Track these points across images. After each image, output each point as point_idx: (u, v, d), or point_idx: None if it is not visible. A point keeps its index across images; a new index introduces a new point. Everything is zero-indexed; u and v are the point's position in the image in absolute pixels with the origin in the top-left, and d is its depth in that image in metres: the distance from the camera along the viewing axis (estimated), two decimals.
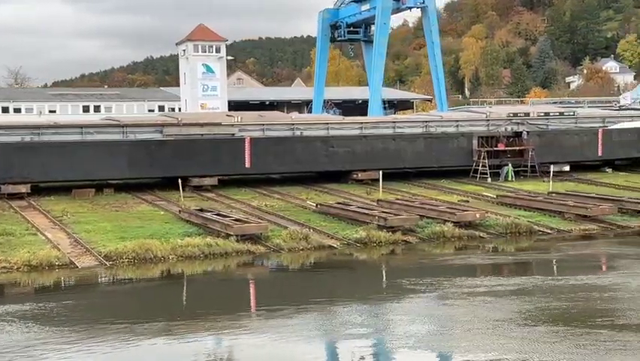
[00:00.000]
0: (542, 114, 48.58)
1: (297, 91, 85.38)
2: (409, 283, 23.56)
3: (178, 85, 73.75)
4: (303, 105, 71.05)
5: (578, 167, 49.13)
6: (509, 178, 45.24)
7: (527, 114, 48.16)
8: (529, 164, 45.86)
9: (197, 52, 62.89)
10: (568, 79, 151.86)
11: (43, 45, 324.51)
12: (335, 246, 29.56)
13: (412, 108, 77.85)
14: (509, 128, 47.11)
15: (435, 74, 55.22)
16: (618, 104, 56.18)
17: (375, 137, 44.54)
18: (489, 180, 44.97)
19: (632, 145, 48.67)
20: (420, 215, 33.47)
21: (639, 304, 20.21)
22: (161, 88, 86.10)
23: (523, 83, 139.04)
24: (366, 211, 32.79)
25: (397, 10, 54.96)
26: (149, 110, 64.94)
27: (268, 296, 23.65)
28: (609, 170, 48.70)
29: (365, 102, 70.06)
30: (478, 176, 45.21)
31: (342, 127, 44.47)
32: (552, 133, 47.58)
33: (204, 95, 62.01)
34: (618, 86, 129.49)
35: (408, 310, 20.50)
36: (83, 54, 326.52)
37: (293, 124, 43.49)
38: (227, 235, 29.09)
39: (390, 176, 45.83)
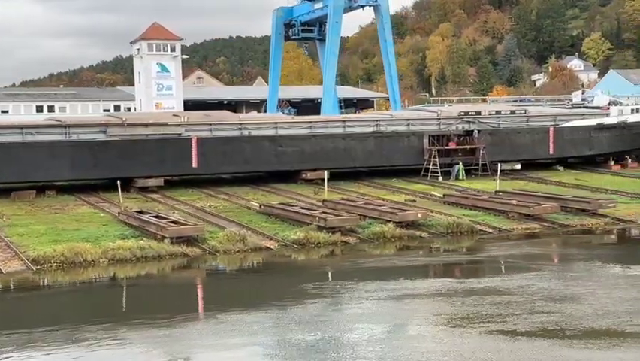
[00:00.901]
0: (494, 113, 48.50)
1: (257, 90, 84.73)
2: (313, 288, 22.86)
3: None
4: (262, 104, 70.44)
5: (530, 165, 49.17)
6: (460, 177, 45.13)
7: (479, 113, 48.06)
8: (480, 163, 45.75)
9: (152, 51, 62.12)
10: (533, 77, 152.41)
11: (12, 44, 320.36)
12: (272, 248, 29.16)
13: (373, 107, 77.67)
14: (460, 127, 46.97)
15: (388, 73, 54.91)
16: (570, 103, 56.37)
17: (324, 136, 44.21)
18: (440, 178, 44.83)
19: (584, 143, 48.78)
20: (362, 215, 33.19)
21: (529, 308, 19.74)
22: (119, 87, 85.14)
23: (488, 81, 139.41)
24: (308, 212, 32.42)
25: (349, 9, 54.62)
26: (105, 110, 64.05)
27: (172, 303, 22.58)
28: (561, 168, 48.77)
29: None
30: (429, 175, 45.07)
31: (291, 126, 44.08)
32: (503, 132, 47.55)
33: (159, 94, 61.26)
34: (582, 84, 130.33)
35: (300, 319, 19.43)
36: (53, 53, 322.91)
37: (241, 124, 43.03)
38: (163, 238, 28.57)
39: (342, 175, 45.63)
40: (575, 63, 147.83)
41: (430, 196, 39.53)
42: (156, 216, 31.17)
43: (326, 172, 38.59)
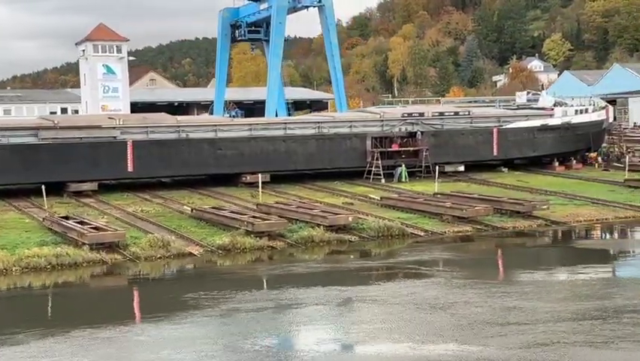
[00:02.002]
0: (437, 114, 48.24)
1: (211, 92, 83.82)
2: (192, 298, 22.06)
3: None
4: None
5: (474, 167, 49.00)
6: (403, 179, 44.81)
7: (422, 114, 47.78)
8: (423, 164, 45.44)
9: (97, 52, 61.02)
10: (494, 78, 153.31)
11: None
12: (196, 253, 28.52)
13: (327, 108, 77.33)
14: (403, 128, 46.66)
15: (334, 75, 54.47)
16: (515, 104, 56.35)
17: (265, 138, 43.66)
18: (382, 181, 44.46)
19: (528, 144, 48.72)
20: (294, 219, 32.76)
21: (389, 318, 19.57)
22: (67, 89, 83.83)
23: (448, 82, 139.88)
24: (237, 216, 31.83)
25: (294, 10, 54.02)
26: (51, 112, 62.85)
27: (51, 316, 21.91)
28: (505, 169, 48.66)
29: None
30: (372, 177, 44.69)
31: (230, 129, 43.47)
32: (447, 133, 47.32)
33: (105, 96, 60.19)
34: (542, 85, 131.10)
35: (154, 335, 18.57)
36: (19, 55, 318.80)
37: (179, 126, 42.32)
38: (84, 244, 27.82)
39: (284, 178, 45.12)
40: (535, 64, 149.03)
41: (368, 199, 39.14)
42: (80, 222, 30.38)
43: (260, 175, 38.03)
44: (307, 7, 53.80)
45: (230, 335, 18.36)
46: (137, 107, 67.51)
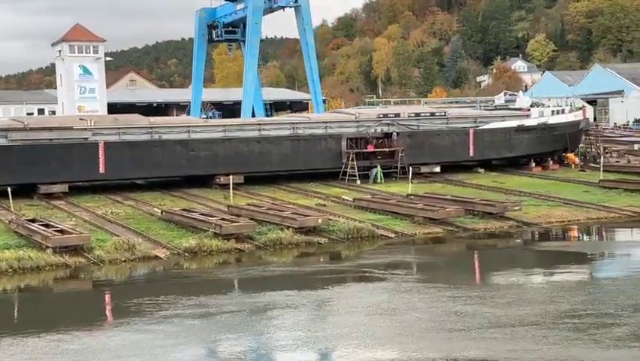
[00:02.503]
0: (413, 115, 48.06)
1: (190, 92, 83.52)
2: (134, 305, 21.62)
3: None
4: None
5: (450, 167, 48.84)
6: (378, 180, 44.61)
7: (398, 115, 47.58)
8: (399, 165, 45.23)
9: (74, 53, 60.46)
10: (479, 78, 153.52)
11: None
12: (162, 257, 28.19)
13: (308, 109, 77.00)
14: (379, 129, 46.45)
15: (310, 76, 54.16)
16: (493, 104, 56.27)
17: (239, 139, 43.35)
18: (358, 182, 44.25)
19: (504, 145, 48.60)
20: (264, 221, 32.52)
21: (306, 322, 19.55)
22: (46, 90, 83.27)
23: (432, 82, 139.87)
24: (205, 218, 31.53)
25: (270, 10, 53.70)
26: (28, 113, 62.39)
27: None
28: (481, 170, 48.51)
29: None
30: (347, 178, 44.45)
31: (204, 130, 43.13)
32: (423, 134, 47.14)
33: (82, 97, 59.67)
34: (526, 85, 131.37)
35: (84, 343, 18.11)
36: (5, 55, 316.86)
37: (151, 127, 41.95)
38: (47, 247, 27.46)
39: (259, 180, 44.84)
40: (518, 64, 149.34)
41: (341, 200, 38.91)
42: (46, 225, 30.00)
43: (232, 177, 37.71)
44: (283, 7, 53.49)
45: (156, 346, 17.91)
46: (115, 108, 67.03)
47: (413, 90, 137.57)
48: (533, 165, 49.13)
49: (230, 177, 37.58)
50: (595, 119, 79.31)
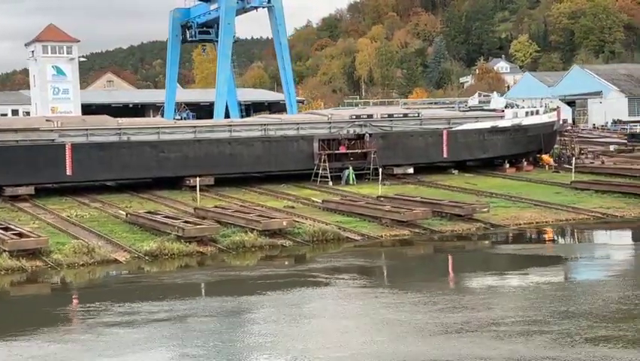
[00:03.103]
0: (386, 116, 47.78)
1: (186, 93, 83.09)
2: (64, 312, 21.34)
3: None
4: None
5: (425, 169, 48.61)
6: (350, 182, 44.29)
7: (370, 116, 47.28)
8: (371, 167, 44.91)
9: (47, 53, 59.76)
10: (462, 79, 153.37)
11: None
12: (121, 260, 27.75)
13: (286, 110, 76.50)
14: (352, 130, 46.14)
15: (284, 76, 53.72)
16: (467, 105, 56.09)
17: (209, 141, 42.94)
18: (330, 183, 43.92)
19: (478, 146, 48.36)
20: (230, 223, 32.18)
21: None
22: (20, 91, 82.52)
23: (414, 83, 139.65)
24: (169, 221, 31.12)
25: (243, 10, 53.23)
26: (2, 115, 61.66)
27: None
28: (455, 172, 48.27)
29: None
30: (319, 180, 44.12)
31: (174, 131, 42.68)
32: (396, 135, 46.87)
33: (55, 98, 59.02)
34: (508, 86, 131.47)
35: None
36: None
37: (120, 129, 41.47)
38: (4, 251, 26.99)
39: (231, 181, 44.45)
40: (501, 65, 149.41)
41: (311, 202, 38.59)
42: (5, 228, 29.53)
43: (198, 179, 37.30)
44: (256, 7, 53.05)
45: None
46: (90, 109, 66.49)
47: (395, 91, 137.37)
48: (507, 166, 48.96)
49: (197, 178, 37.17)
50: (574, 120, 79.52)
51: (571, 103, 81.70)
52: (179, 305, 21.54)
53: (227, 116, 58.21)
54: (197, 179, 37.01)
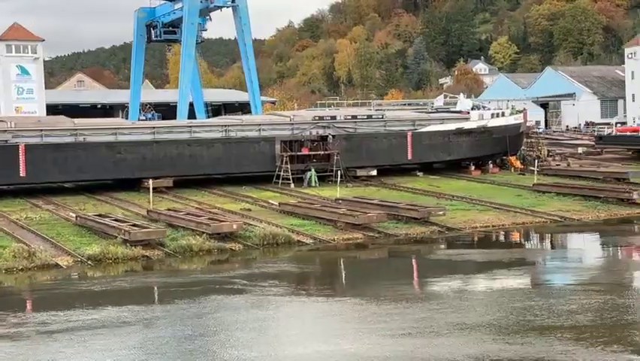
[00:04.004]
0: (350, 117, 47.28)
1: (152, 93, 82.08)
2: None
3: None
4: (142, 107, 67.97)
5: (390, 171, 48.22)
6: (313, 184, 43.76)
7: (334, 117, 46.79)
8: (334, 169, 44.37)
9: (11, 52, 58.73)
10: (441, 80, 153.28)
11: None
12: (62, 265, 27.07)
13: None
14: (314, 132, 45.62)
15: (248, 77, 53.11)
16: (433, 107, 55.72)
17: (168, 142, 42.29)
18: (292, 185, 43.39)
19: (443, 148, 47.98)
20: (181, 226, 31.62)
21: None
22: None
23: (393, 84, 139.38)
24: (116, 224, 30.47)
25: (207, 10, 52.57)
26: None
27: None
28: (420, 174, 47.85)
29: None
30: (281, 182, 43.59)
31: (131, 132, 41.99)
32: (359, 137, 46.38)
33: (19, 98, 58.15)
34: (487, 87, 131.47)
35: None
36: None
37: (76, 129, 40.72)
38: None
39: (191, 183, 43.80)
40: (479, 67, 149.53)
41: (268, 205, 38.04)
42: None
43: (150, 181, 36.66)
44: (220, 7, 52.42)
45: None
46: (57, 109, 65.57)
47: (374, 92, 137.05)
48: (473, 168, 48.63)
49: (150, 181, 36.51)
50: (546, 121, 79.44)
51: (544, 105, 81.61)
52: (72, 315, 20.62)
53: (193, 117, 57.49)
54: (150, 181, 36.35)
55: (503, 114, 50.66)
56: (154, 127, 43.20)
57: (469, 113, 50.05)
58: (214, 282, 24.90)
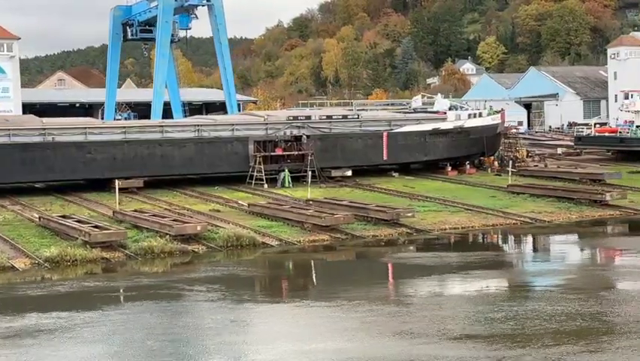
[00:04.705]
0: (324, 118, 46.85)
1: (123, 92, 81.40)
2: None
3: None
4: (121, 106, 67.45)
5: (367, 171, 47.83)
6: (286, 184, 43.30)
7: (308, 117, 46.35)
8: (308, 169, 43.91)
9: None
10: (429, 80, 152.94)
11: None
12: (18, 267, 26.57)
13: (240, 110, 75.23)
14: (289, 132, 45.18)
15: (224, 76, 52.58)
16: (410, 107, 55.32)
17: (139, 142, 41.79)
18: (265, 186, 42.94)
19: (419, 148, 47.59)
20: (145, 227, 31.16)
21: None
22: None
23: (380, 84, 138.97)
24: (77, 225, 29.97)
25: (182, 9, 51.99)
26: None
27: None
28: (396, 174, 47.46)
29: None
30: (254, 182, 43.14)
31: (102, 132, 41.46)
32: (334, 137, 45.95)
33: None
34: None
35: None
36: None
37: (44, 129, 40.18)
38: None
39: (163, 183, 43.33)
40: (467, 67, 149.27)
41: (238, 205, 37.60)
42: None
43: (117, 181, 36.18)
44: (195, 6, 51.88)
45: None
46: (35, 109, 65.04)
47: (361, 92, 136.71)
48: (449, 168, 48.23)
49: (117, 181, 36.00)
50: (529, 122, 79.21)
51: (528, 105, 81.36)
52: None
53: (171, 117, 56.93)
54: (117, 181, 35.84)
55: (481, 115, 50.31)
56: (124, 127, 42.69)
57: (445, 113, 49.66)
58: (151, 287, 24.31)
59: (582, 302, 20.68)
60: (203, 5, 51.43)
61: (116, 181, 35.77)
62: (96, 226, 29.69)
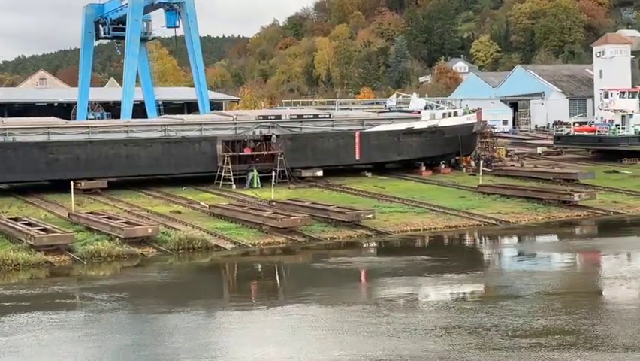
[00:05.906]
0: (295, 117, 46.09)
1: (107, 91, 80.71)
2: None
3: None
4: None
5: (340, 171, 47.08)
6: (255, 185, 42.54)
7: (279, 117, 45.59)
8: (278, 169, 43.17)
9: None
10: (421, 79, 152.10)
11: None
12: None
13: (222, 109, 74.54)
14: (258, 131, 44.42)
15: (196, 75, 51.78)
16: (386, 106, 54.59)
17: (103, 142, 41.04)
18: (233, 187, 42.20)
19: (392, 148, 46.81)
20: (97, 230, 30.46)
21: None
22: None
23: (371, 82, 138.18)
24: (25, 228, 29.25)
25: (152, 7, 51.25)
26: None
27: None
28: (369, 174, 46.70)
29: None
30: (221, 183, 42.40)
31: (65, 132, 40.73)
32: (305, 136, 45.19)
33: None
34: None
35: None
36: None
37: (5, 129, 39.46)
38: None
39: (129, 184, 42.61)
40: (459, 65, 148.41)
41: (200, 207, 36.86)
42: None
43: (72, 182, 35.45)
44: (165, 4, 50.97)
45: None
46: (13, 109, 64.36)
47: (352, 90, 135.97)
48: (424, 168, 47.46)
49: (72, 182, 35.31)
50: (514, 120, 78.42)
51: (514, 104, 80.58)
52: None
53: (145, 116, 56.12)
54: (72, 182, 35.11)
55: (456, 114, 49.50)
56: (88, 127, 41.93)
57: (420, 112, 48.88)
58: (62, 294, 23.55)
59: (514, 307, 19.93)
60: (173, 3, 50.64)
61: (71, 182, 35.03)
62: (44, 229, 28.95)
